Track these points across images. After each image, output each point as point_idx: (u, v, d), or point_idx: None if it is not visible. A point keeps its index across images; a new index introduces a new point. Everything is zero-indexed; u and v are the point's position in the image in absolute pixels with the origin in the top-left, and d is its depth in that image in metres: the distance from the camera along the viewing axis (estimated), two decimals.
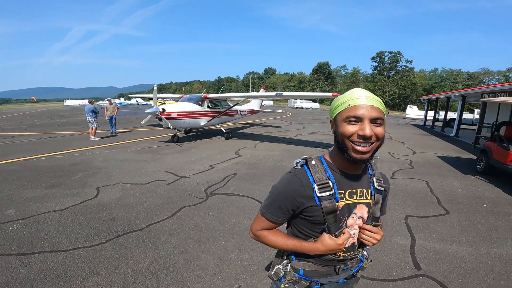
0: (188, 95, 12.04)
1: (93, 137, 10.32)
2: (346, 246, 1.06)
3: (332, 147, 1.08)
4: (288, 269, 1.13)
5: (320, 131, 14.43)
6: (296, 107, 45.35)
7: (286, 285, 1.14)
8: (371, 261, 1.24)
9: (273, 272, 1.15)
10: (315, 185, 0.99)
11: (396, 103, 55.40)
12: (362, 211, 1.06)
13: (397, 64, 56.36)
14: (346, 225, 1.05)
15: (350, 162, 0.97)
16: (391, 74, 56.72)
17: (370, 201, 1.06)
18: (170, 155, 7.73)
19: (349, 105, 0.93)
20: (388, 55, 56.80)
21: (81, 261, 2.67)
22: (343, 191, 1.01)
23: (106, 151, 8.13)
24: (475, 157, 7.80)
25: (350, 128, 0.92)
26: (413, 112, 30.76)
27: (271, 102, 54.46)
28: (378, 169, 1.13)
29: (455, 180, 6.09)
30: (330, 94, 9.19)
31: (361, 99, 0.93)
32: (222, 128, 11.49)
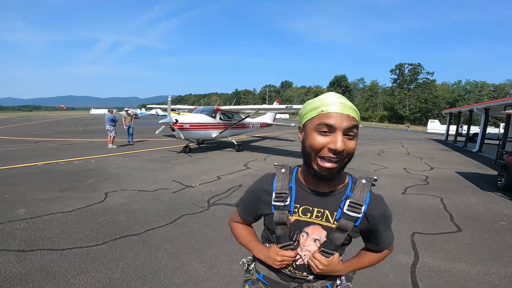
0: (201, 107, 12.34)
1: (110, 145, 10.79)
2: (297, 264, 0.99)
3: None
4: (251, 268, 1.12)
5: None
6: None
7: (246, 286, 1.12)
8: None
9: (240, 262, 1.18)
10: (273, 193, 0.96)
11: (417, 117, 53.46)
12: (317, 232, 0.94)
13: (418, 77, 54.87)
14: (298, 242, 0.97)
15: (316, 177, 0.88)
16: (412, 87, 55.16)
17: (332, 225, 0.92)
18: (180, 165, 7.89)
19: (322, 111, 0.82)
20: (408, 67, 55.57)
21: (74, 260, 2.75)
22: (298, 206, 0.94)
23: (121, 159, 8.45)
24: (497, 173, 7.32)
25: (320, 140, 0.81)
26: (434, 126, 29.49)
27: (287, 116, 54.51)
28: (366, 192, 0.91)
29: (472, 196, 5.71)
30: None
31: (336, 106, 0.81)
32: (233, 141, 11.59)
